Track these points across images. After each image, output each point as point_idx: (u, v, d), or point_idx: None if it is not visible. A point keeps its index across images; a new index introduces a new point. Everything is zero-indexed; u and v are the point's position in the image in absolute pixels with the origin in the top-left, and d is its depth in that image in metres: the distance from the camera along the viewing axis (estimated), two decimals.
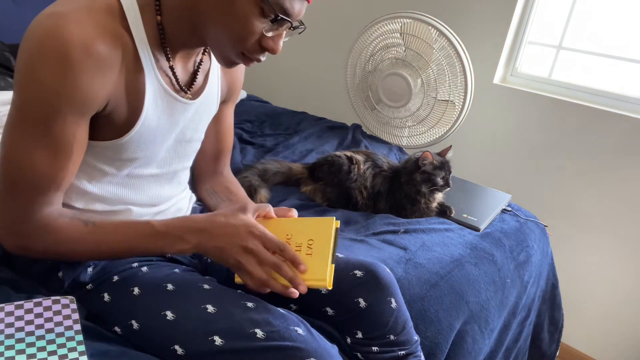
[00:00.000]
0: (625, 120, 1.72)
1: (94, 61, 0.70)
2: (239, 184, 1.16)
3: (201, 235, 0.79)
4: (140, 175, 0.90)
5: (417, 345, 0.94)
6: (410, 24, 1.78)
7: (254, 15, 0.74)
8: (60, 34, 0.67)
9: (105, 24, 0.72)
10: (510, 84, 2.00)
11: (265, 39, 0.77)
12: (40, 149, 0.73)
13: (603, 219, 1.84)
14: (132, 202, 0.91)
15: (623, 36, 1.80)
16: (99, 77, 0.72)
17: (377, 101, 1.98)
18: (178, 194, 1.02)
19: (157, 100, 0.82)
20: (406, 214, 1.40)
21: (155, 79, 0.81)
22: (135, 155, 0.84)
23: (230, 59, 0.81)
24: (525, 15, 1.91)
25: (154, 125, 0.83)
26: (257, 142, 1.81)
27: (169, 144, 0.91)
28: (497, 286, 1.23)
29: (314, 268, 0.81)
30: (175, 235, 0.79)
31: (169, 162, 0.94)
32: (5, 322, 0.70)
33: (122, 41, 0.74)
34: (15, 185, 0.75)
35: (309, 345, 0.74)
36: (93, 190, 0.85)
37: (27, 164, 0.73)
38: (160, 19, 0.78)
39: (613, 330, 1.91)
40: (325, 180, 1.43)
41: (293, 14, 0.76)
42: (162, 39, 0.80)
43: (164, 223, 0.81)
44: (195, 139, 0.98)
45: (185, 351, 0.75)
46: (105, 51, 0.71)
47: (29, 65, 0.69)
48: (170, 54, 0.82)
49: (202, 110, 0.94)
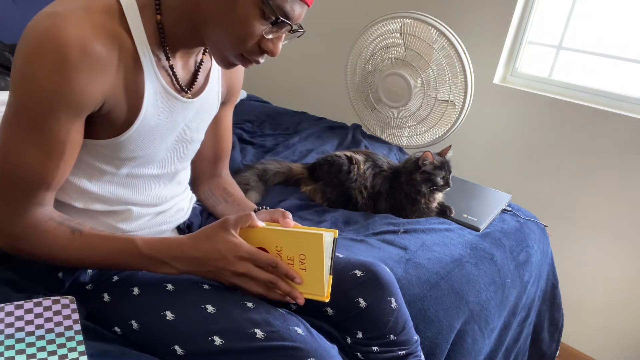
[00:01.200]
0: (625, 120, 1.72)
1: (91, 61, 0.70)
2: (237, 185, 1.16)
3: (189, 263, 0.78)
4: (140, 175, 0.90)
5: (417, 345, 0.94)
6: (410, 24, 1.78)
7: (254, 17, 0.74)
8: (58, 34, 0.67)
9: (104, 23, 0.72)
10: (510, 84, 2.00)
11: (264, 41, 0.77)
12: (33, 147, 0.73)
13: (603, 219, 1.84)
14: (132, 202, 0.91)
15: (623, 36, 1.80)
16: (95, 77, 0.72)
17: (377, 101, 1.98)
18: (179, 194, 1.02)
19: (157, 100, 0.82)
20: (406, 214, 1.40)
21: (155, 78, 0.81)
22: (134, 154, 0.84)
23: (228, 60, 0.81)
24: (525, 15, 1.92)
25: (153, 124, 0.83)
26: (257, 142, 1.81)
27: (169, 143, 0.90)
28: (497, 286, 1.23)
29: (310, 282, 0.80)
30: (161, 260, 0.79)
31: (170, 162, 0.94)
32: (5, 322, 0.70)
33: (121, 41, 0.74)
34: (6, 183, 0.75)
35: (309, 346, 0.74)
36: (93, 189, 0.85)
37: (19, 162, 0.73)
38: (160, 18, 0.78)
39: (613, 330, 1.91)
40: (325, 180, 1.43)
41: (293, 17, 0.76)
42: (162, 38, 0.80)
43: (149, 244, 0.79)
44: (196, 139, 0.97)
45: (185, 351, 0.75)
46: (103, 51, 0.71)
47: (26, 65, 0.69)
48: (170, 53, 0.82)
49: (202, 110, 0.94)
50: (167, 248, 0.79)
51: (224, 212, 1.07)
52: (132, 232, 0.92)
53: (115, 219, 0.90)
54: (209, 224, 0.81)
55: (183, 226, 1.04)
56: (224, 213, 1.07)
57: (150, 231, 0.95)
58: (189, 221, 1.06)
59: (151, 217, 0.95)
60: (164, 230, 0.98)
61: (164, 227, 0.98)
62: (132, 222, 0.92)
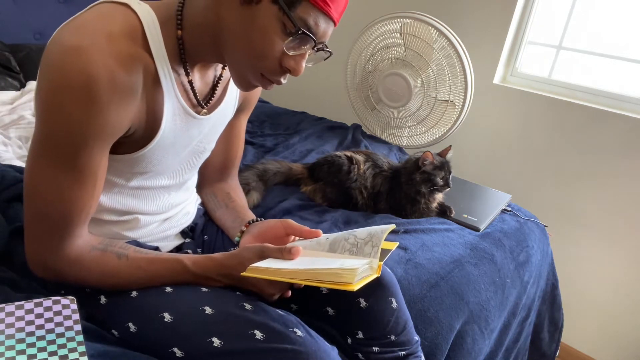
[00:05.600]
0: (625, 120, 1.72)
1: (120, 93, 0.69)
2: (242, 192, 1.15)
3: (231, 280, 0.83)
4: (150, 187, 0.89)
5: (418, 346, 0.94)
6: (410, 24, 1.78)
7: (274, 31, 0.71)
8: (85, 70, 0.65)
9: (127, 50, 0.70)
10: (510, 84, 2.00)
11: (286, 58, 0.74)
12: (68, 181, 0.72)
13: (603, 219, 1.84)
14: (140, 211, 0.90)
15: (623, 36, 1.80)
16: (124, 106, 0.71)
17: (377, 101, 1.98)
18: (186, 199, 1.02)
19: (175, 119, 0.81)
20: (406, 214, 1.40)
21: (174, 97, 0.79)
22: (147, 169, 0.84)
23: (248, 81, 0.79)
24: (525, 15, 1.91)
25: (169, 141, 0.83)
26: (257, 142, 1.81)
27: (182, 156, 0.90)
28: (497, 286, 1.23)
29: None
30: (207, 277, 0.83)
31: (181, 173, 0.93)
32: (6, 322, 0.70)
33: (143, 62, 0.73)
34: (44, 218, 0.74)
35: (308, 347, 0.74)
36: (102, 200, 0.85)
37: (55, 198, 0.73)
38: (181, 34, 0.77)
39: (613, 330, 1.91)
40: (325, 180, 1.43)
41: (317, 33, 0.72)
42: (182, 54, 0.78)
43: (195, 262, 0.82)
44: (209, 149, 0.97)
45: (184, 353, 0.75)
46: (129, 80, 0.70)
47: (55, 100, 0.67)
48: (190, 68, 0.81)
49: (219, 123, 0.94)
50: (213, 264, 0.83)
51: (222, 218, 1.06)
52: (139, 239, 0.92)
53: (122, 228, 0.89)
54: (251, 245, 0.84)
55: (187, 229, 1.03)
56: (222, 218, 1.06)
57: (155, 237, 0.95)
58: (193, 223, 1.05)
59: (158, 224, 0.95)
60: (168, 235, 0.98)
61: (169, 232, 0.98)
62: (139, 230, 0.91)
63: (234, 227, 1.02)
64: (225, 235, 1.05)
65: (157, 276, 0.81)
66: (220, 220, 1.07)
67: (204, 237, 1.06)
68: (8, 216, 1.03)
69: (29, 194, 0.74)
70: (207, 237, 1.06)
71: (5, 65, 1.85)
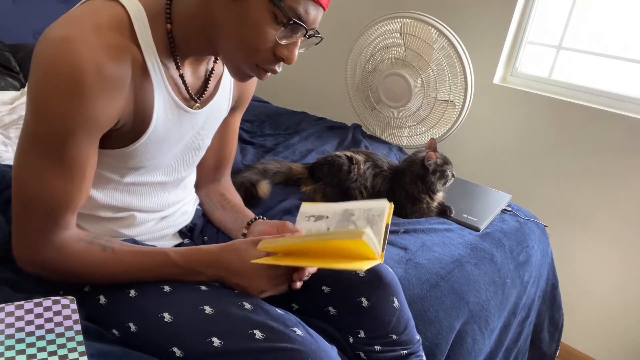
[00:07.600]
0: (625, 120, 1.72)
1: (107, 84, 0.69)
2: (235, 191, 1.14)
3: (219, 271, 0.82)
4: (146, 183, 0.89)
5: (419, 345, 0.94)
6: (410, 24, 1.78)
7: (266, 22, 0.72)
8: (71, 61, 0.66)
9: (115, 41, 0.70)
10: (510, 84, 2.00)
11: (279, 48, 0.75)
12: (55, 174, 0.72)
13: (603, 219, 1.84)
14: (136, 208, 0.90)
15: (623, 36, 1.80)
16: (112, 98, 0.71)
17: (377, 101, 1.98)
18: (184, 198, 1.01)
19: (166, 112, 0.81)
20: (406, 214, 1.40)
21: (165, 90, 0.79)
22: (141, 164, 0.84)
23: (243, 71, 0.79)
24: (525, 15, 1.92)
25: (161, 135, 0.83)
26: (257, 142, 1.81)
27: (176, 152, 0.90)
28: (497, 286, 1.23)
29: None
30: (193, 269, 0.81)
31: (177, 170, 0.93)
32: (6, 322, 0.70)
33: (131, 55, 0.73)
34: (31, 211, 0.74)
35: (308, 347, 0.73)
36: (97, 196, 0.85)
37: (42, 190, 0.73)
38: (171, 28, 0.77)
39: (613, 330, 1.91)
40: (325, 180, 1.43)
41: (307, 20, 0.73)
42: (172, 48, 0.78)
43: (181, 254, 0.81)
44: (204, 146, 0.97)
45: (184, 353, 0.75)
46: (117, 71, 0.70)
47: (42, 92, 0.68)
48: (180, 62, 0.81)
49: (212, 117, 0.93)
50: (199, 255, 0.82)
51: (221, 219, 1.06)
52: (135, 237, 0.92)
53: (118, 225, 0.89)
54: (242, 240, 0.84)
55: (185, 229, 1.03)
56: (222, 220, 1.06)
57: (152, 236, 0.95)
58: (192, 224, 1.05)
59: (155, 222, 0.95)
60: (166, 235, 0.98)
61: (166, 231, 0.98)
62: (135, 228, 0.91)
63: (235, 229, 1.02)
64: (226, 236, 1.05)
65: (142, 269, 0.80)
66: (220, 223, 1.07)
67: (203, 237, 1.06)
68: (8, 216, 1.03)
69: (16, 186, 0.74)
70: (207, 238, 1.06)
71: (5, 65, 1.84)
